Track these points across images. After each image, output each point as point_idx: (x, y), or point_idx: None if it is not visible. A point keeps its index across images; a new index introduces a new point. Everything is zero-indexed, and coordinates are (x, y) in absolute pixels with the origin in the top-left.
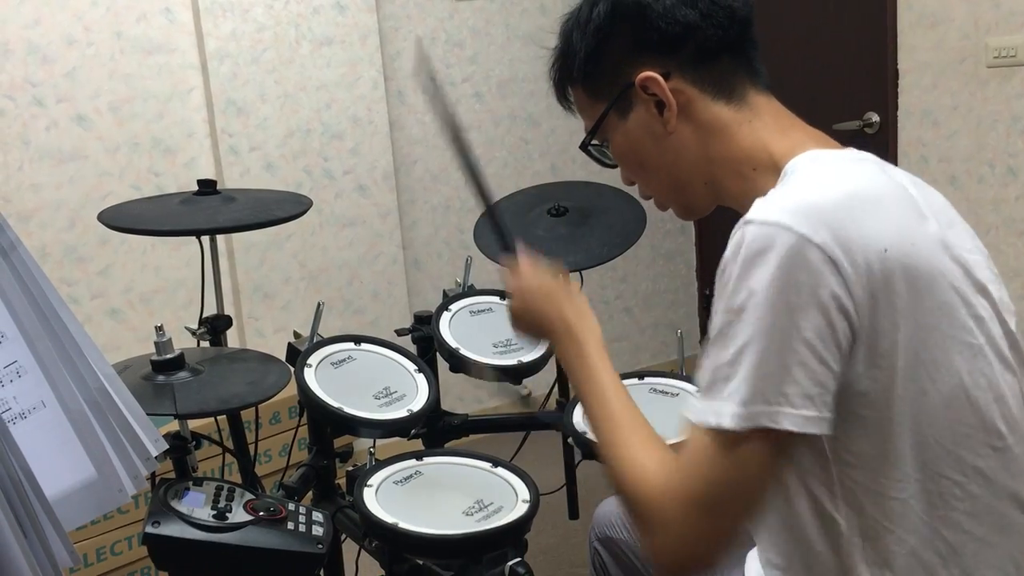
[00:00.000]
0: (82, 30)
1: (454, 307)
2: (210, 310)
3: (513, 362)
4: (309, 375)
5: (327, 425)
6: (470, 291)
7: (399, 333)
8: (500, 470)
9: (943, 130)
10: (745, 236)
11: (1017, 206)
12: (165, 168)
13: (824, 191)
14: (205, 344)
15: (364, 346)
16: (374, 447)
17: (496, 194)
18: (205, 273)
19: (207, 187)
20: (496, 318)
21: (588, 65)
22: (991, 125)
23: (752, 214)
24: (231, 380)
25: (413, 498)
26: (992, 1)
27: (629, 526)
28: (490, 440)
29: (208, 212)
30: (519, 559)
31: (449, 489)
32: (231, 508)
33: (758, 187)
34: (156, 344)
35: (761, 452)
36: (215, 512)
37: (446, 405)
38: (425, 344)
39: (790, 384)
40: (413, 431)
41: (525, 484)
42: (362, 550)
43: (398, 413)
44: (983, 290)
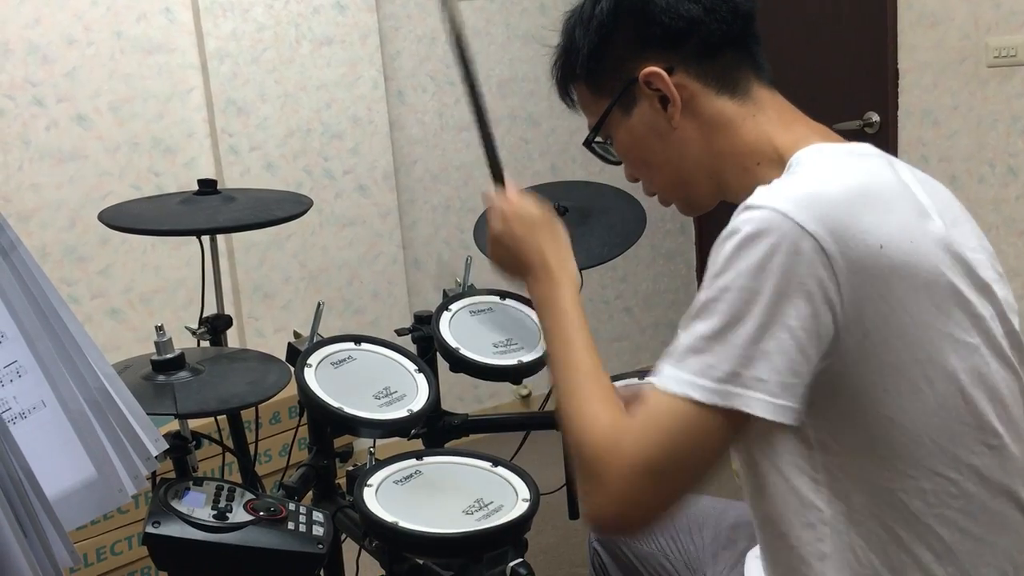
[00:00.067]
0: (82, 30)
1: (454, 307)
2: (210, 310)
3: (513, 362)
4: (309, 375)
5: (327, 425)
6: (470, 291)
7: (399, 333)
8: (500, 469)
9: (943, 130)
10: (743, 218)
11: (1017, 206)
12: (165, 168)
13: (826, 184)
14: (205, 344)
15: (364, 346)
16: (374, 447)
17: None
18: (205, 273)
19: (207, 187)
20: (496, 318)
21: (591, 62)
22: (991, 125)
23: (753, 199)
24: (231, 380)
25: (413, 497)
26: (992, 1)
27: (575, 476)
28: (490, 440)
29: (208, 212)
30: (521, 559)
31: (449, 488)
32: (231, 508)
33: (762, 181)
34: (156, 344)
35: (722, 430)
36: (215, 512)
37: (446, 405)
38: (425, 344)
39: (768, 371)
40: (413, 431)
41: (525, 483)
42: (362, 550)
43: (398, 413)
44: (985, 289)
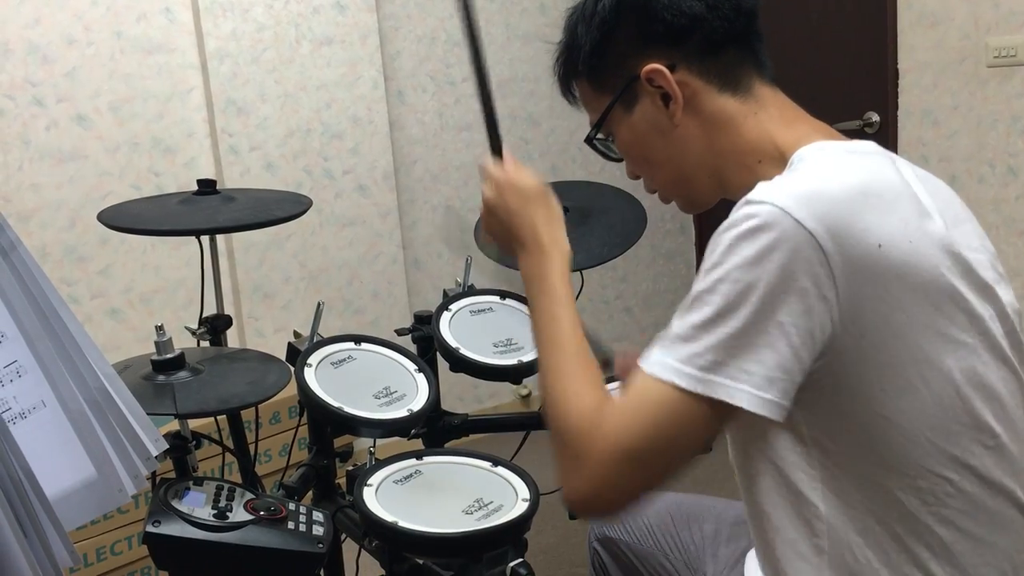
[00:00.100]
0: (82, 30)
1: (454, 307)
2: (210, 310)
3: (513, 362)
4: (309, 375)
5: (327, 425)
6: (470, 291)
7: (399, 333)
8: (500, 469)
9: (943, 130)
10: (743, 212)
11: (1017, 206)
12: (165, 168)
13: (827, 182)
14: (205, 344)
15: (364, 346)
16: (374, 447)
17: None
18: (205, 273)
19: (207, 187)
20: (496, 318)
21: (593, 58)
22: (991, 125)
23: (754, 194)
24: (231, 380)
25: (413, 497)
26: (992, 1)
27: (552, 453)
28: (490, 440)
29: (208, 212)
30: (521, 559)
31: (449, 488)
32: (231, 508)
33: (763, 179)
34: (156, 344)
35: (705, 418)
36: (215, 512)
37: (446, 405)
38: (425, 344)
39: (755, 363)
40: (413, 431)
41: (525, 483)
42: (362, 550)
43: (398, 413)
44: (985, 289)
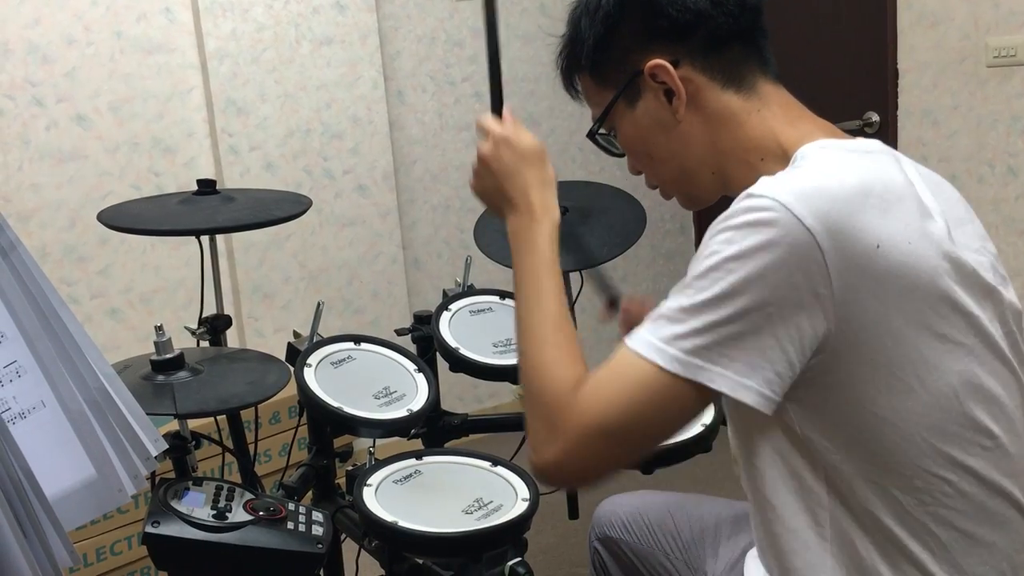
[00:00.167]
0: (82, 30)
1: (454, 307)
2: (210, 310)
3: (513, 362)
4: (309, 375)
5: (327, 425)
6: (470, 291)
7: (399, 333)
8: (500, 469)
9: (943, 130)
10: (744, 205)
11: (1017, 206)
12: (165, 168)
13: (828, 179)
14: (205, 344)
15: (364, 346)
16: (374, 447)
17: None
18: (205, 273)
19: (207, 187)
20: (496, 318)
21: (596, 52)
22: (991, 125)
23: (755, 188)
24: (231, 380)
25: (413, 497)
26: (992, 1)
27: (525, 416)
28: (490, 440)
29: (208, 212)
30: (519, 558)
31: (449, 488)
32: (231, 508)
33: (766, 176)
34: (156, 344)
35: (684, 400)
36: (215, 512)
37: (446, 405)
38: (425, 344)
39: (738, 351)
40: (413, 431)
41: (525, 483)
42: (362, 549)
43: (398, 413)
44: (985, 290)
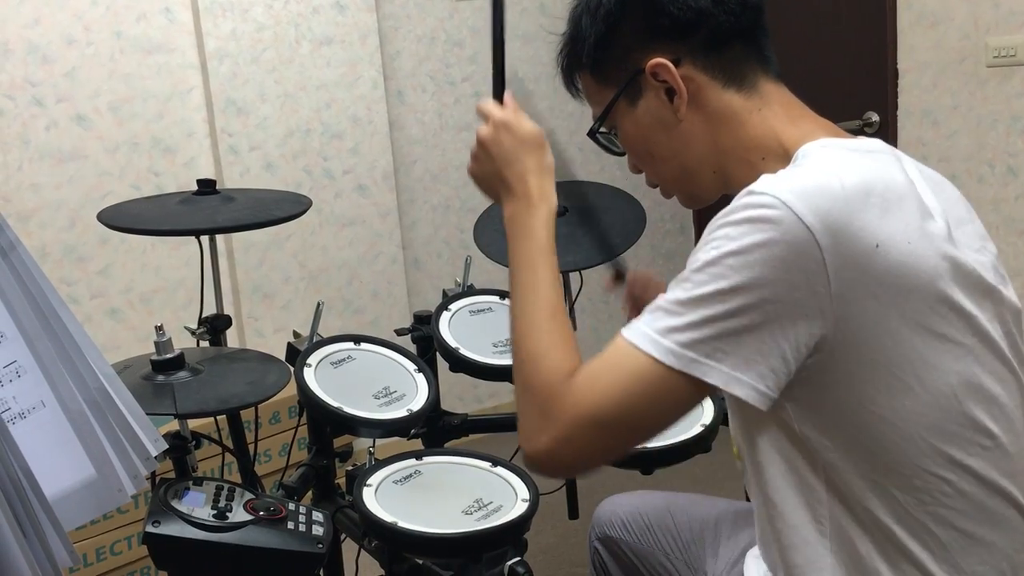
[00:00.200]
0: (82, 30)
1: (454, 307)
2: (210, 310)
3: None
4: (309, 375)
5: (327, 425)
6: (470, 291)
7: (399, 333)
8: (499, 469)
9: (943, 130)
10: (744, 202)
11: (1017, 206)
12: (165, 168)
13: (829, 178)
14: (205, 344)
15: (364, 346)
16: (374, 447)
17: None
18: (205, 273)
19: (206, 187)
20: (496, 318)
21: (597, 51)
22: (991, 125)
23: (757, 185)
24: (231, 380)
25: (413, 497)
26: (992, 1)
27: (517, 402)
28: (490, 440)
29: (207, 212)
30: (519, 558)
31: (448, 488)
32: (231, 508)
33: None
34: (156, 344)
35: (677, 392)
36: (215, 512)
37: (446, 405)
38: (425, 344)
39: (734, 345)
40: (413, 431)
41: (524, 483)
42: (362, 550)
43: (398, 413)
44: (985, 291)
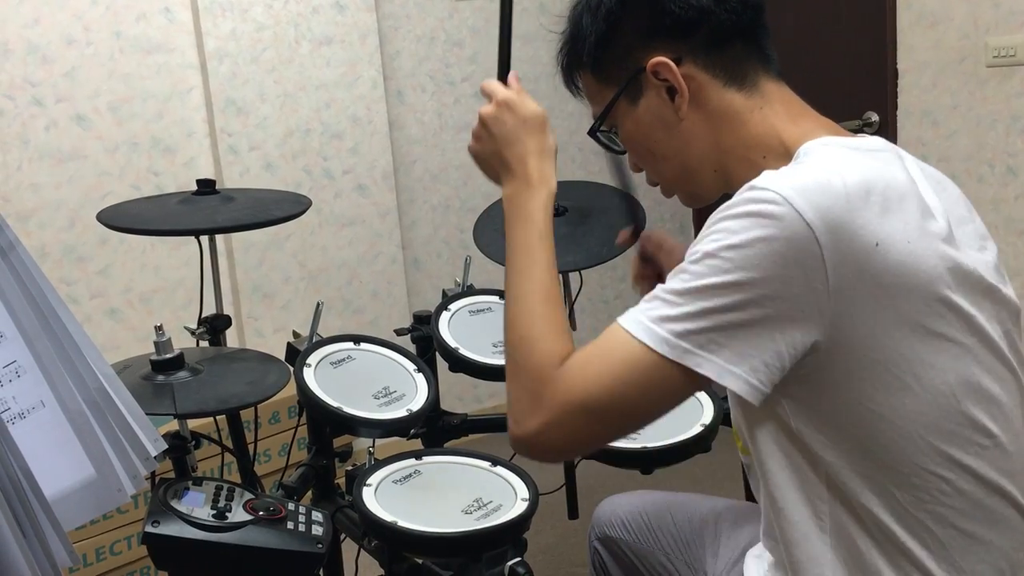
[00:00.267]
0: (81, 30)
1: (453, 307)
2: (209, 310)
3: None
4: (308, 375)
5: (326, 425)
6: (469, 291)
7: (398, 333)
8: (499, 469)
9: (942, 129)
10: (745, 197)
11: (1017, 206)
12: (164, 168)
13: (831, 176)
14: (204, 344)
15: (363, 346)
16: (373, 447)
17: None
18: (204, 273)
19: (206, 187)
20: (496, 318)
21: (598, 50)
22: (990, 124)
23: (758, 181)
24: (230, 380)
25: (412, 497)
26: (991, 1)
27: (508, 385)
28: (490, 440)
29: (207, 212)
30: (519, 559)
31: (448, 488)
32: (231, 508)
33: None
34: (155, 344)
35: (670, 382)
36: (215, 512)
37: (445, 405)
38: (424, 344)
39: (728, 338)
40: (412, 431)
41: (524, 483)
42: (362, 549)
43: (397, 413)
44: (985, 290)
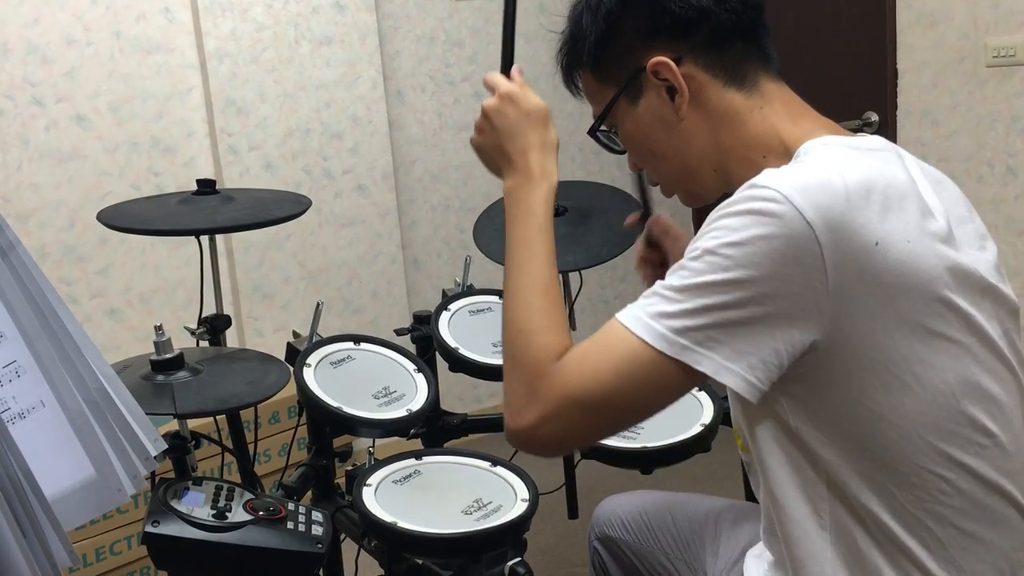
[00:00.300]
0: (81, 30)
1: (453, 307)
2: (209, 310)
3: None
4: (308, 375)
5: (326, 425)
6: (469, 291)
7: (398, 333)
8: (499, 469)
9: (942, 129)
10: (746, 194)
11: (1016, 206)
12: (164, 168)
13: (831, 175)
14: (204, 344)
15: (363, 346)
16: (373, 447)
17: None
18: (204, 273)
19: (206, 187)
20: (496, 317)
21: (598, 49)
22: (990, 124)
23: (759, 179)
24: (230, 380)
25: (412, 497)
26: (991, 1)
27: (505, 378)
28: (489, 440)
29: (207, 212)
30: (519, 559)
31: (448, 488)
32: (231, 508)
33: None
34: (155, 344)
35: (667, 378)
36: (215, 512)
37: (445, 405)
38: (424, 344)
39: (726, 335)
40: (412, 431)
41: (524, 483)
42: (361, 549)
43: (397, 413)
44: (985, 289)
